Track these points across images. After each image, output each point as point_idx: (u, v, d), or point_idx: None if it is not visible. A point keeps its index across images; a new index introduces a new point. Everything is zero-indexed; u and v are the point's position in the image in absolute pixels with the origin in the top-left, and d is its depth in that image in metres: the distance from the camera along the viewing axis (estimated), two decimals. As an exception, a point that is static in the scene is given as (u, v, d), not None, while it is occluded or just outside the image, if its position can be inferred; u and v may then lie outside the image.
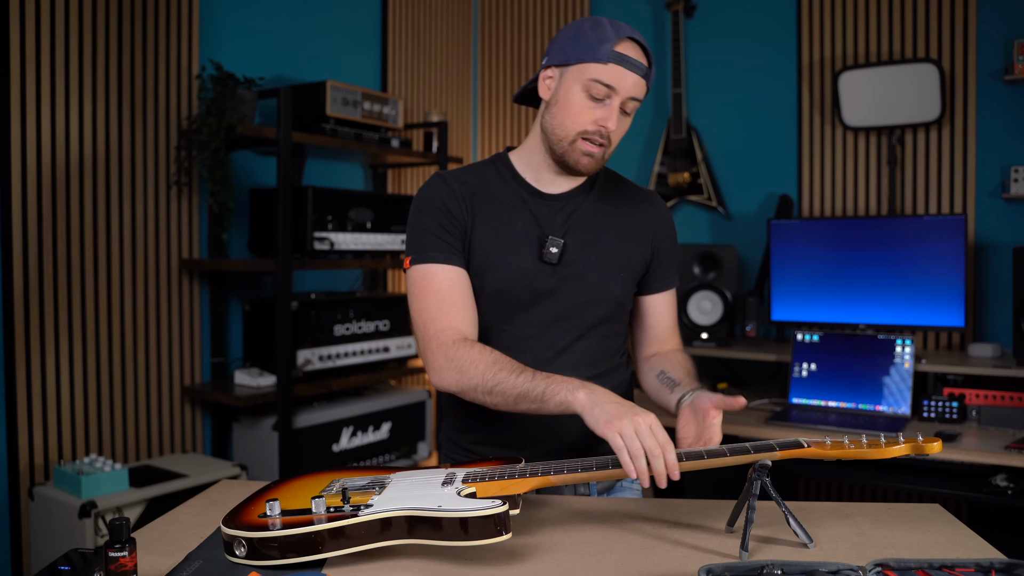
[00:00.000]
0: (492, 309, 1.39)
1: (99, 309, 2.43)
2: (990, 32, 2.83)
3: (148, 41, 2.53)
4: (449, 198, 1.38)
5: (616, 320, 1.44)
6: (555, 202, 1.42)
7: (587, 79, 1.30)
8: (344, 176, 3.31)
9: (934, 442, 1.08)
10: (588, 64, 1.30)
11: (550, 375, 1.22)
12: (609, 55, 1.29)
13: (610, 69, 1.29)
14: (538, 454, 1.37)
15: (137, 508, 2.18)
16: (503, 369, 1.24)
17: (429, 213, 1.38)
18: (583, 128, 1.33)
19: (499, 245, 1.38)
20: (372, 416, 2.95)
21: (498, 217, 1.39)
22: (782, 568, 0.93)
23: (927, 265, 2.67)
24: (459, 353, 1.28)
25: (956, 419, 2.42)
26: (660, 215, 1.49)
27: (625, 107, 1.33)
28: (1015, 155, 2.81)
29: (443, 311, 1.33)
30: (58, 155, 2.31)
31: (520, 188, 1.42)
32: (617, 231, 1.43)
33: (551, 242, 1.37)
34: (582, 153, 1.34)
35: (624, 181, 1.52)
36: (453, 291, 1.34)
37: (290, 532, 1.02)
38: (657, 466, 1.07)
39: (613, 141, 1.35)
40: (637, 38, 1.32)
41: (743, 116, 3.34)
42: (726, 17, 3.38)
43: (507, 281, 1.37)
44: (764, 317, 3.07)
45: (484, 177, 1.44)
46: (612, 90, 1.30)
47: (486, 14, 3.99)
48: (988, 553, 1.08)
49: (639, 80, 1.32)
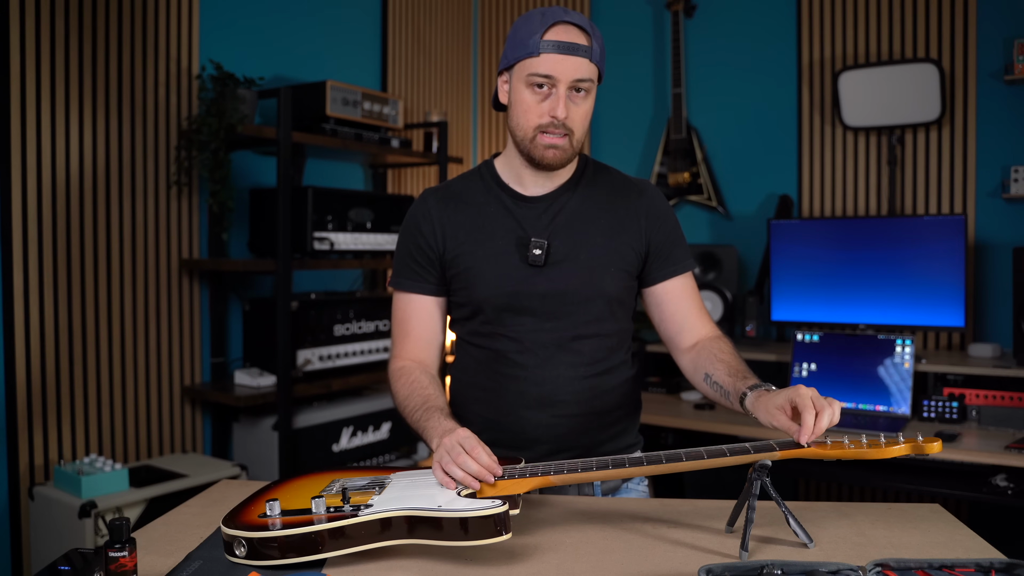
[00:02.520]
0: (486, 316, 1.40)
1: (99, 309, 2.43)
2: (990, 32, 2.83)
3: (148, 41, 2.53)
4: (423, 219, 1.44)
5: (614, 317, 1.42)
6: (538, 204, 1.41)
7: (527, 75, 1.31)
8: (344, 176, 3.31)
9: (934, 442, 1.08)
10: (524, 60, 1.31)
11: (432, 418, 1.29)
12: (539, 46, 1.29)
13: (543, 60, 1.29)
14: (538, 454, 1.37)
15: (137, 508, 2.18)
16: (407, 407, 1.36)
17: (405, 236, 1.47)
18: (537, 123, 1.33)
19: (484, 254, 1.39)
20: (372, 416, 2.95)
21: (481, 227, 1.40)
22: (782, 568, 0.94)
23: (927, 265, 2.67)
24: (398, 380, 1.42)
25: (956, 419, 2.42)
26: (651, 204, 1.45)
27: (575, 90, 1.31)
28: (1015, 155, 2.81)
29: (400, 339, 1.47)
30: (58, 155, 2.31)
31: (503, 194, 1.43)
32: (605, 227, 1.41)
33: (534, 244, 1.36)
34: (545, 147, 1.34)
35: (613, 173, 1.49)
36: (410, 321, 1.46)
37: (290, 532, 1.02)
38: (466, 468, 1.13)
39: (575, 128, 1.34)
40: (570, 19, 1.30)
41: (743, 116, 3.34)
42: (726, 17, 3.38)
43: (495, 288, 1.38)
44: (764, 317, 3.07)
45: (469, 187, 1.46)
46: (551, 79, 1.30)
47: (486, 14, 3.99)
48: (988, 553, 1.08)
49: (579, 61, 1.30)
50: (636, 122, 3.60)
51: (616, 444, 1.44)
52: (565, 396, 1.38)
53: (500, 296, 1.37)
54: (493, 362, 1.41)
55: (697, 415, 2.64)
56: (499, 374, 1.40)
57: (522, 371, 1.38)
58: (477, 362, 1.44)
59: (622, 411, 1.45)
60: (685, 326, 1.44)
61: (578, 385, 1.38)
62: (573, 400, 1.38)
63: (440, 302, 1.46)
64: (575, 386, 1.38)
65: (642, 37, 3.58)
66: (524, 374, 1.38)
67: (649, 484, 1.52)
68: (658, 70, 3.54)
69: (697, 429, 2.57)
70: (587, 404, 1.39)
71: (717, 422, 2.55)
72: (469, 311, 1.42)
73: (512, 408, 1.38)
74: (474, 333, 1.43)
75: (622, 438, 1.46)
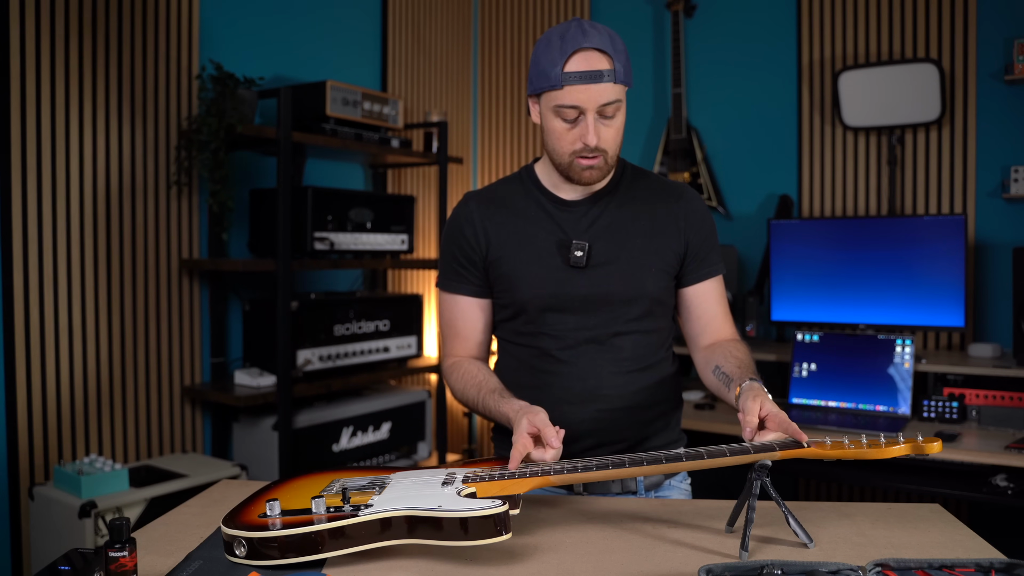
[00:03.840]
0: (528, 316, 1.43)
1: (99, 309, 2.43)
2: (990, 32, 2.83)
3: (148, 41, 2.53)
4: (466, 222, 1.47)
5: (655, 316, 1.45)
6: (578, 207, 1.44)
7: (553, 107, 1.33)
8: (344, 176, 3.31)
9: (934, 442, 1.08)
10: (548, 92, 1.33)
11: (499, 401, 1.35)
12: (561, 78, 1.29)
13: (566, 92, 1.30)
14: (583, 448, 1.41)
15: (137, 508, 2.18)
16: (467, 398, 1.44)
17: (449, 239, 1.50)
18: (571, 149, 1.35)
19: (526, 256, 1.42)
20: (372, 416, 2.95)
21: (522, 230, 1.44)
22: (782, 568, 0.94)
23: (927, 265, 2.67)
24: (451, 376, 1.50)
25: (956, 419, 2.42)
26: (691, 207, 1.47)
27: (604, 114, 1.32)
28: (1015, 155, 2.81)
29: (449, 339, 1.53)
30: (58, 155, 2.31)
31: (543, 198, 1.46)
32: (645, 228, 1.43)
33: (576, 246, 1.39)
34: (582, 169, 1.36)
35: (651, 177, 1.51)
36: (458, 321, 1.51)
37: (290, 532, 1.02)
38: None
39: (608, 148, 1.35)
40: (589, 44, 1.29)
41: (743, 116, 3.34)
42: (726, 17, 3.38)
43: (538, 289, 1.41)
44: (764, 317, 3.07)
45: (510, 190, 1.49)
46: (577, 108, 1.31)
47: (486, 14, 3.99)
48: (988, 553, 1.08)
49: (603, 88, 1.29)
50: (636, 122, 3.59)
51: (660, 439, 1.47)
52: (608, 391, 1.40)
53: (542, 297, 1.41)
54: (536, 359, 1.44)
55: (697, 415, 2.64)
56: (542, 371, 1.43)
57: (564, 367, 1.41)
58: (519, 361, 1.47)
59: (665, 406, 1.47)
60: (709, 327, 1.48)
61: (620, 380, 1.41)
62: (616, 395, 1.40)
63: (485, 303, 1.50)
64: (617, 380, 1.41)
65: (642, 37, 3.58)
66: (567, 370, 1.41)
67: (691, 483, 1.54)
68: (658, 70, 3.54)
69: (697, 429, 2.57)
70: (630, 399, 1.41)
71: (717, 422, 2.55)
72: (512, 312, 1.45)
73: (556, 404, 1.39)
74: (517, 333, 1.46)
75: (665, 433, 1.48)
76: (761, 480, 1.10)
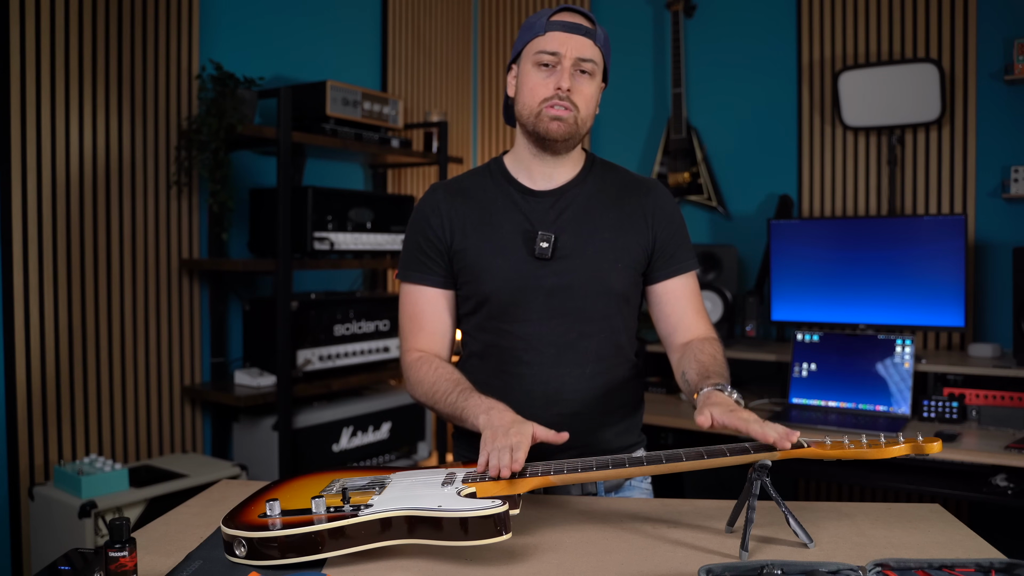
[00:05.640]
0: (492, 311, 1.40)
1: (99, 309, 2.43)
2: (990, 32, 2.83)
3: (148, 41, 2.53)
4: (431, 212, 1.45)
5: (620, 315, 1.43)
6: (546, 198, 1.42)
7: (534, 54, 1.37)
8: (344, 176, 3.31)
9: (934, 442, 1.08)
10: (531, 42, 1.38)
11: (471, 398, 1.30)
12: (546, 25, 1.37)
13: (549, 37, 1.36)
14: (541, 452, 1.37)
15: (137, 508, 2.18)
16: (439, 391, 1.36)
17: (413, 229, 1.48)
18: (543, 96, 1.36)
19: (491, 248, 1.40)
20: (372, 416, 2.95)
21: (489, 222, 1.42)
22: (782, 568, 0.93)
23: (927, 265, 2.67)
24: (412, 372, 1.42)
25: (956, 419, 2.42)
26: (659, 202, 1.46)
27: (580, 68, 1.36)
28: (1015, 155, 2.81)
29: (412, 332, 1.46)
30: (58, 155, 2.31)
31: (511, 188, 1.44)
32: (613, 222, 1.42)
33: (541, 237, 1.38)
34: (550, 119, 1.36)
35: (620, 171, 1.51)
36: (423, 313, 1.46)
37: (290, 532, 1.02)
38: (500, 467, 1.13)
39: (580, 105, 1.37)
40: (575, 7, 1.39)
41: (743, 116, 3.34)
42: (726, 17, 3.38)
43: (502, 281, 1.38)
44: (764, 317, 3.07)
45: (478, 181, 1.48)
46: (557, 55, 1.35)
47: (486, 14, 3.99)
48: (988, 553, 1.08)
49: (584, 40, 1.36)
50: (636, 122, 3.60)
51: (620, 442, 1.45)
52: (570, 395, 1.38)
53: (506, 289, 1.38)
54: (498, 360, 1.41)
55: (697, 415, 2.63)
56: (504, 372, 1.40)
57: (527, 369, 1.39)
58: (482, 360, 1.44)
59: (626, 409, 1.46)
60: (680, 326, 1.45)
61: (584, 384, 1.39)
62: (578, 399, 1.39)
63: (448, 295, 1.47)
64: (580, 384, 1.39)
65: (642, 37, 3.58)
66: (529, 372, 1.39)
67: (651, 483, 1.52)
68: (658, 70, 3.54)
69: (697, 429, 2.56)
70: (592, 403, 1.39)
71: (717, 422, 2.55)
72: (474, 304, 1.43)
73: (517, 407, 1.37)
74: (479, 328, 1.44)
75: (625, 436, 1.46)
76: (761, 480, 1.10)
